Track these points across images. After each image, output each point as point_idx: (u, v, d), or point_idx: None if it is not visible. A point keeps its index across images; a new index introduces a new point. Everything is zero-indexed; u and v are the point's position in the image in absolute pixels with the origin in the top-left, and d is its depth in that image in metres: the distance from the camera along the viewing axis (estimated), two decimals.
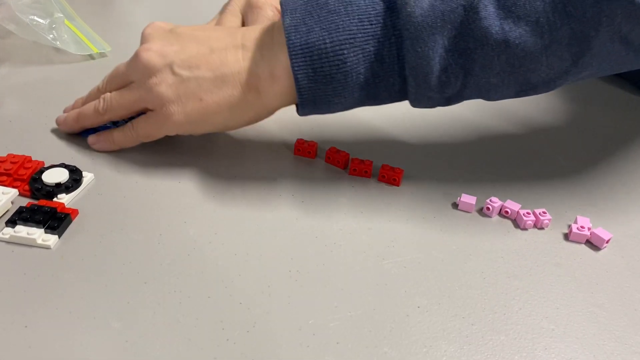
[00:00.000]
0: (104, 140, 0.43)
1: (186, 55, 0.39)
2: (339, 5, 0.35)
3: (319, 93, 0.37)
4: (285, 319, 0.31)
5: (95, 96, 0.44)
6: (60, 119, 0.45)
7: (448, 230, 0.39)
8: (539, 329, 0.32)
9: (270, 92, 0.38)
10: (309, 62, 0.36)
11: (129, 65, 0.42)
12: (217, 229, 0.37)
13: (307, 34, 0.35)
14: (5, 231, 0.35)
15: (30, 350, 0.29)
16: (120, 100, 0.41)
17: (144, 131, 0.42)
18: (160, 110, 0.39)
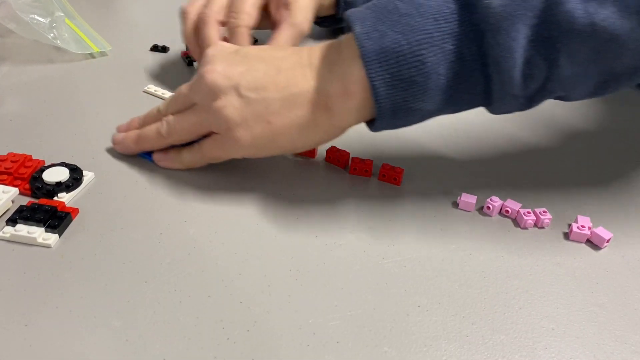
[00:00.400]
0: (172, 160, 0.42)
1: (252, 76, 0.37)
2: (409, 8, 0.34)
3: (398, 100, 0.34)
4: (286, 318, 0.31)
5: (155, 118, 0.42)
6: (118, 139, 0.43)
7: (448, 230, 0.39)
8: (539, 328, 0.32)
9: (343, 110, 0.36)
10: (386, 67, 0.33)
11: (192, 87, 0.40)
12: (217, 228, 0.37)
13: (381, 39, 0.33)
14: (6, 230, 0.35)
15: (31, 349, 0.29)
16: (184, 123, 0.40)
17: (210, 154, 0.40)
18: (227, 134, 0.38)
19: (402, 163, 0.45)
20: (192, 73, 0.58)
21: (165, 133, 0.41)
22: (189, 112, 0.40)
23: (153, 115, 0.43)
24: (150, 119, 0.43)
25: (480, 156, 0.47)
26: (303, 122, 0.37)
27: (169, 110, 0.41)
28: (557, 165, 0.47)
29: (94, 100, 0.52)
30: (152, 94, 0.53)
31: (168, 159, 0.42)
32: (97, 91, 0.54)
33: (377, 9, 0.35)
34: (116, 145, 0.43)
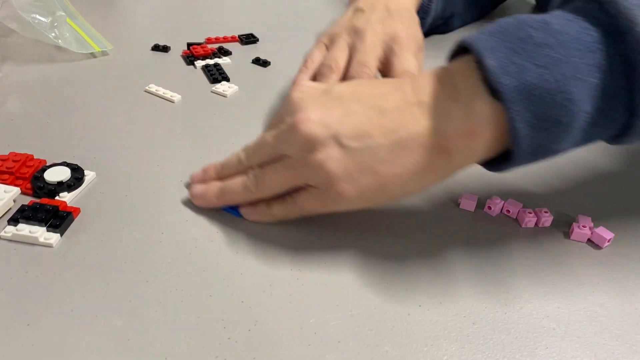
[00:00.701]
0: (261, 214, 0.38)
1: (352, 121, 0.33)
2: (546, 37, 0.30)
3: (539, 142, 0.30)
4: (287, 318, 0.31)
5: (237, 169, 0.38)
6: (197, 192, 0.39)
7: (449, 229, 0.39)
8: (540, 328, 0.32)
9: (465, 151, 0.32)
10: (529, 106, 0.29)
11: (281, 137, 0.35)
12: (218, 228, 0.37)
13: (521, 74, 0.29)
14: (8, 229, 0.35)
15: (33, 348, 0.29)
16: (275, 177, 0.35)
17: (308, 208, 0.36)
18: (328, 189, 0.33)
19: None
20: (193, 72, 0.58)
21: (254, 188, 0.36)
22: (280, 166, 0.35)
23: (233, 166, 0.38)
24: (231, 170, 0.39)
25: None
26: (417, 168, 0.32)
27: (254, 161, 0.37)
28: (558, 165, 0.47)
29: (96, 99, 0.52)
30: (153, 94, 0.54)
31: (257, 212, 0.38)
32: (99, 91, 0.54)
33: (507, 37, 0.30)
34: (196, 199, 0.39)
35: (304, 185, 0.35)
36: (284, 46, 0.65)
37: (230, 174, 0.38)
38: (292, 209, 0.37)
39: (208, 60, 0.60)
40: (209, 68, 0.58)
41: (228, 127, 0.49)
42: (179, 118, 0.50)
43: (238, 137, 0.47)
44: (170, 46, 0.63)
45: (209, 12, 0.75)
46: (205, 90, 0.55)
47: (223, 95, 0.54)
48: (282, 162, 0.35)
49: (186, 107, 0.52)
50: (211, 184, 0.39)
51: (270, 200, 0.37)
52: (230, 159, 0.39)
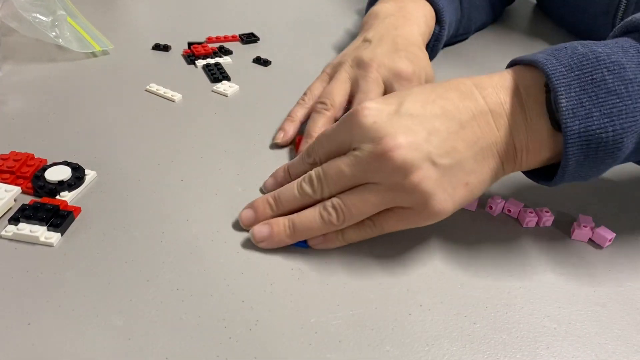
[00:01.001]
0: (333, 242, 0.36)
1: (438, 139, 0.33)
2: (617, 84, 0.31)
3: (578, 174, 0.34)
4: (287, 317, 0.31)
5: (301, 201, 0.36)
6: (262, 235, 0.36)
7: (450, 229, 0.39)
8: (541, 327, 0.32)
9: (525, 163, 0.35)
10: (584, 149, 0.32)
11: (368, 167, 0.33)
12: (219, 227, 0.37)
13: (586, 120, 0.31)
14: (8, 229, 0.35)
15: (34, 347, 0.29)
16: (363, 206, 0.34)
17: (391, 229, 0.35)
18: (423, 208, 0.33)
19: None
20: (193, 72, 0.58)
21: (337, 220, 0.34)
22: (367, 194, 0.34)
23: (295, 199, 0.36)
24: (293, 203, 0.36)
25: None
26: (495, 174, 0.35)
27: (328, 191, 0.35)
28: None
29: (96, 99, 0.52)
30: (154, 93, 0.54)
31: (329, 241, 0.36)
32: (99, 90, 0.54)
33: (583, 74, 0.32)
34: (262, 243, 0.36)
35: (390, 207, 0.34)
36: (284, 45, 0.65)
37: (293, 207, 0.36)
38: (371, 232, 0.36)
39: (209, 60, 0.60)
40: (209, 67, 0.58)
41: (229, 126, 0.49)
42: (180, 117, 0.50)
43: (239, 137, 0.47)
44: (171, 45, 0.63)
45: (210, 12, 0.75)
46: (206, 89, 0.55)
47: (224, 94, 0.54)
48: (368, 190, 0.34)
49: (187, 106, 0.52)
50: (276, 223, 0.36)
51: (346, 230, 0.36)
52: (286, 189, 0.37)
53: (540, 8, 0.80)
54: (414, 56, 0.49)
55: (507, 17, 0.77)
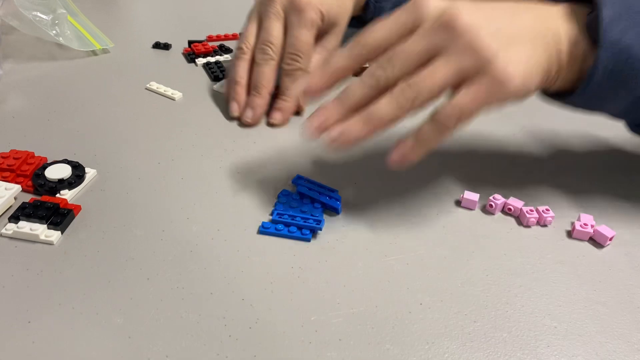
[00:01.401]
0: (417, 146, 0.33)
1: (502, 18, 0.34)
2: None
3: (600, 94, 0.36)
4: (288, 316, 0.31)
5: (369, 92, 0.34)
6: (335, 134, 0.33)
7: (451, 227, 0.39)
8: (541, 326, 0.32)
9: (563, 69, 0.35)
10: (615, 60, 0.34)
11: (435, 34, 0.32)
12: (219, 225, 0.37)
13: (622, 32, 0.34)
14: (9, 227, 0.35)
15: (34, 345, 0.29)
16: (432, 77, 0.32)
17: (469, 111, 0.32)
18: (492, 70, 0.32)
19: None
20: (194, 70, 0.58)
21: (409, 101, 0.32)
22: (431, 65, 0.32)
23: (362, 92, 0.34)
24: (361, 97, 0.34)
25: (483, 154, 0.47)
26: (548, 64, 0.35)
27: (398, 69, 0.33)
28: (560, 163, 0.46)
29: (96, 97, 0.52)
30: (154, 91, 0.53)
31: (407, 148, 0.33)
32: (99, 88, 0.54)
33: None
34: (335, 142, 0.33)
35: (461, 82, 0.32)
36: None
37: (362, 101, 0.34)
38: (447, 121, 0.32)
39: (209, 58, 0.60)
40: (210, 66, 0.58)
41: (229, 125, 0.49)
42: (180, 116, 0.50)
43: (239, 135, 0.47)
44: (171, 44, 0.63)
45: (210, 10, 0.75)
46: (207, 88, 0.55)
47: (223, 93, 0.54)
48: (434, 63, 0.32)
49: (187, 104, 0.52)
50: (348, 121, 0.33)
51: (420, 128, 0.33)
52: (348, 89, 0.34)
53: None
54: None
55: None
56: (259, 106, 0.48)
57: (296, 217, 0.37)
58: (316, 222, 0.37)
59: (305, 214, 0.37)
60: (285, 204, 0.39)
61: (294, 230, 0.36)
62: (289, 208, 0.38)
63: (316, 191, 0.40)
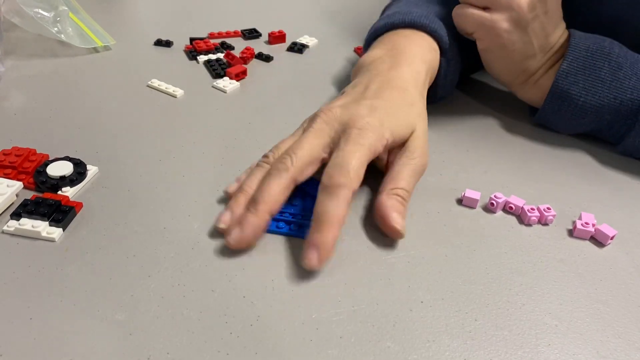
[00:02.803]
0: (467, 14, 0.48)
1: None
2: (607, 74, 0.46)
3: (549, 121, 0.50)
4: (289, 313, 0.31)
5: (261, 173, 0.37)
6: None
7: (452, 226, 0.39)
8: (542, 324, 0.32)
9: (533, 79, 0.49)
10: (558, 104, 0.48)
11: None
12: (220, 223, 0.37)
13: (572, 85, 0.46)
14: (10, 224, 0.36)
15: (35, 341, 0.29)
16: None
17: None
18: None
19: None
20: (195, 67, 0.58)
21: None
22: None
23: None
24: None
25: (485, 152, 0.47)
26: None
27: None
28: (562, 162, 0.46)
29: (98, 94, 0.52)
30: (155, 89, 0.53)
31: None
32: (101, 85, 0.54)
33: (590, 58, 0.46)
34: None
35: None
36: (287, 41, 0.65)
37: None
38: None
39: (211, 55, 0.60)
40: (211, 63, 0.58)
41: (230, 122, 0.49)
42: (181, 113, 0.50)
43: (240, 132, 0.47)
44: (172, 41, 0.63)
45: (212, 7, 0.75)
46: (208, 85, 0.55)
47: (223, 90, 0.54)
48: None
49: (188, 102, 0.52)
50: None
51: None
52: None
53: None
54: (379, 102, 0.39)
55: None
56: (251, 226, 0.34)
57: (297, 215, 0.37)
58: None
59: (306, 213, 0.37)
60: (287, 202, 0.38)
61: (294, 229, 0.36)
62: (289, 206, 0.38)
63: (311, 185, 0.39)
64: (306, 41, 0.65)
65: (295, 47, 0.63)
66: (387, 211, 0.36)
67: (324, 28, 0.70)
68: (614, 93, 0.45)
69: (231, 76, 0.55)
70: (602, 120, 0.47)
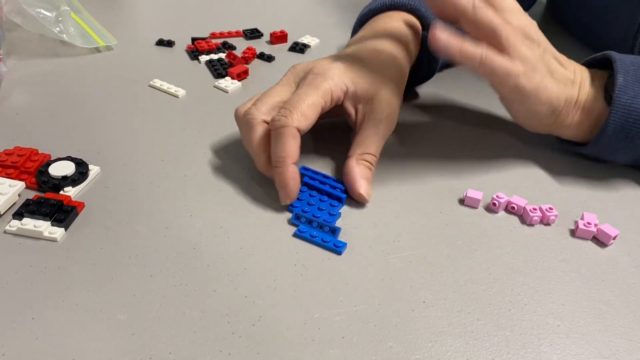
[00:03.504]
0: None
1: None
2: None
3: (609, 147, 0.42)
4: (291, 313, 0.31)
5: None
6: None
7: (454, 226, 0.39)
8: (544, 324, 0.32)
9: (574, 115, 0.42)
10: (623, 121, 0.40)
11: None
12: (222, 223, 0.37)
13: (633, 98, 0.40)
14: (12, 224, 0.36)
15: (37, 341, 0.29)
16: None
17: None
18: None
19: (408, 159, 0.45)
20: (197, 67, 0.58)
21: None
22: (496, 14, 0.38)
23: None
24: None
25: (487, 152, 0.47)
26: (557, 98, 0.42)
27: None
28: (564, 162, 0.46)
29: (100, 94, 0.52)
30: (157, 89, 0.54)
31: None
32: (103, 85, 0.54)
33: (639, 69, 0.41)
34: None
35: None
36: (288, 41, 0.65)
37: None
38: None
39: (212, 55, 0.60)
40: (212, 63, 0.58)
41: (232, 122, 0.49)
42: (183, 113, 0.50)
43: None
44: (174, 41, 0.63)
45: (214, 7, 0.75)
46: (209, 85, 0.55)
47: (224, 90, 0.54)
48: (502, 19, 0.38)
49: (190, 102, 0.52)
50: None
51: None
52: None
53: (552, 16, 0.78)
54: (347, 55, 0.43)
55: None
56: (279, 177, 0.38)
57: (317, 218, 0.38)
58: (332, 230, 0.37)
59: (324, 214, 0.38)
60: (303, 200, 0.39)
61: (327, 239, 0.36)
62: (306, 205, 0.39)
63: (321, 181, 0.40)
64: (308, 41, 0.65)
65: (297, 47, 0.63)
66: (355, 177, 0.39)
67: (326, 28, 0.70)
68: None
69: (233, 76, 0.55)
70: None
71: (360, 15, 0.53)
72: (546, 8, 0.80)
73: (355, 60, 0.42)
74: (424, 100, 0.54)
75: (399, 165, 0.44)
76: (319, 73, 0.40)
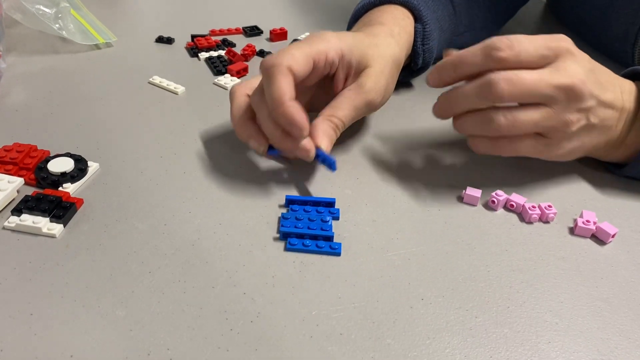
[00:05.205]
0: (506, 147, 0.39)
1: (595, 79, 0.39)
2: None
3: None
4: (289, 310, 0.31)
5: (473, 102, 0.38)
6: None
7: (453, 223, 0.39)
8: (542, 322, 0.32)
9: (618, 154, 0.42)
10: None
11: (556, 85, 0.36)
12: (221, 219, 0.37)
13: None
14: (11, 220, 0.36)
15: (36, 337, 0.29)
16: (526, 120, 0.37)
17: (526, 152, 0.40)
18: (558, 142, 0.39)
19: (407, 156, 0.45)
20: (196, 64, 0.58)
21: (505, 126, 0.37)
22: (541, 111, 0.37)
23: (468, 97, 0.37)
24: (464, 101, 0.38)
25: None
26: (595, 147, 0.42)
27: (506, 99, 0.36)
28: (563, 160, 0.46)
29: (99, 91, 0.52)
30: (157, 85, 0.53)
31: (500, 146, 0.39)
32: (102, 82, 0.54)
33: None
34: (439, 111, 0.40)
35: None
36: (288, 38, 0.65)
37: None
38: (510, 148, 0.39)
39: (212, 52, 0.60)
40: (212, 60, 0.58)
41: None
42: (183, 110, 0.50)
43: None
44: (174, 38, 0.63)
45: (213, 4, 0.75)
46: (209, 82, 0.55)
47: (224, 88, 0.54)
48: (543, 110, 0.37)
49: (190, 99, 0.52)
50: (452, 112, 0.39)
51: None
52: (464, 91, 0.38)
53: (553, 13, 0.77)
54: (346, 32, 0.44)
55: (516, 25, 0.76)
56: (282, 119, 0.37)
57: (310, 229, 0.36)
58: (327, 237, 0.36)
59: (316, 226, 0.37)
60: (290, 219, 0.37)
61: (321, 244, 0.35)
62: (295, 220, 0.37)
63: (304, 201, 0.39)
64: None
65: None
66: (317, 133, 0.39)
67: (326, 25, 0.70)
68: None
69: (232, 73, 0.55)
70: None
71: (355, 10, 0.53)
72: (547, 5, 0.80)
73: (354, 36, 0.43)
74: (423, 96, 0.54)
75: (397, 162, 0.44)
76: (316, 36, 0.41)
